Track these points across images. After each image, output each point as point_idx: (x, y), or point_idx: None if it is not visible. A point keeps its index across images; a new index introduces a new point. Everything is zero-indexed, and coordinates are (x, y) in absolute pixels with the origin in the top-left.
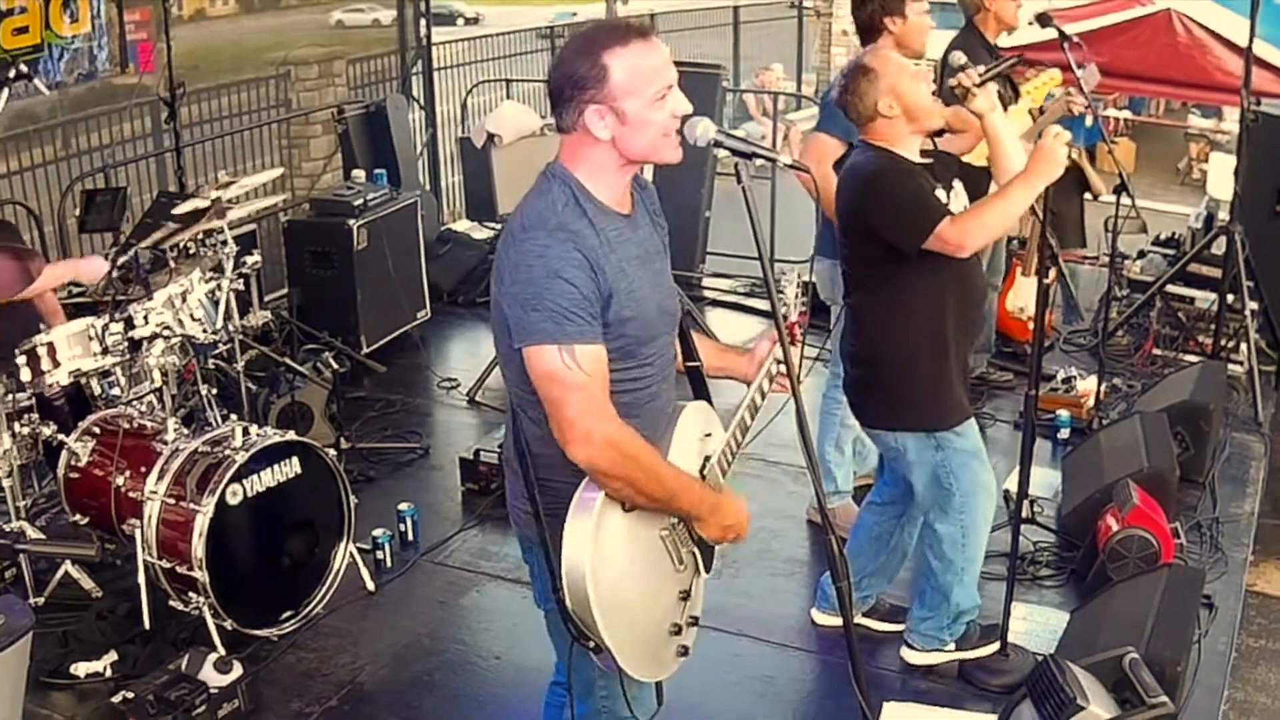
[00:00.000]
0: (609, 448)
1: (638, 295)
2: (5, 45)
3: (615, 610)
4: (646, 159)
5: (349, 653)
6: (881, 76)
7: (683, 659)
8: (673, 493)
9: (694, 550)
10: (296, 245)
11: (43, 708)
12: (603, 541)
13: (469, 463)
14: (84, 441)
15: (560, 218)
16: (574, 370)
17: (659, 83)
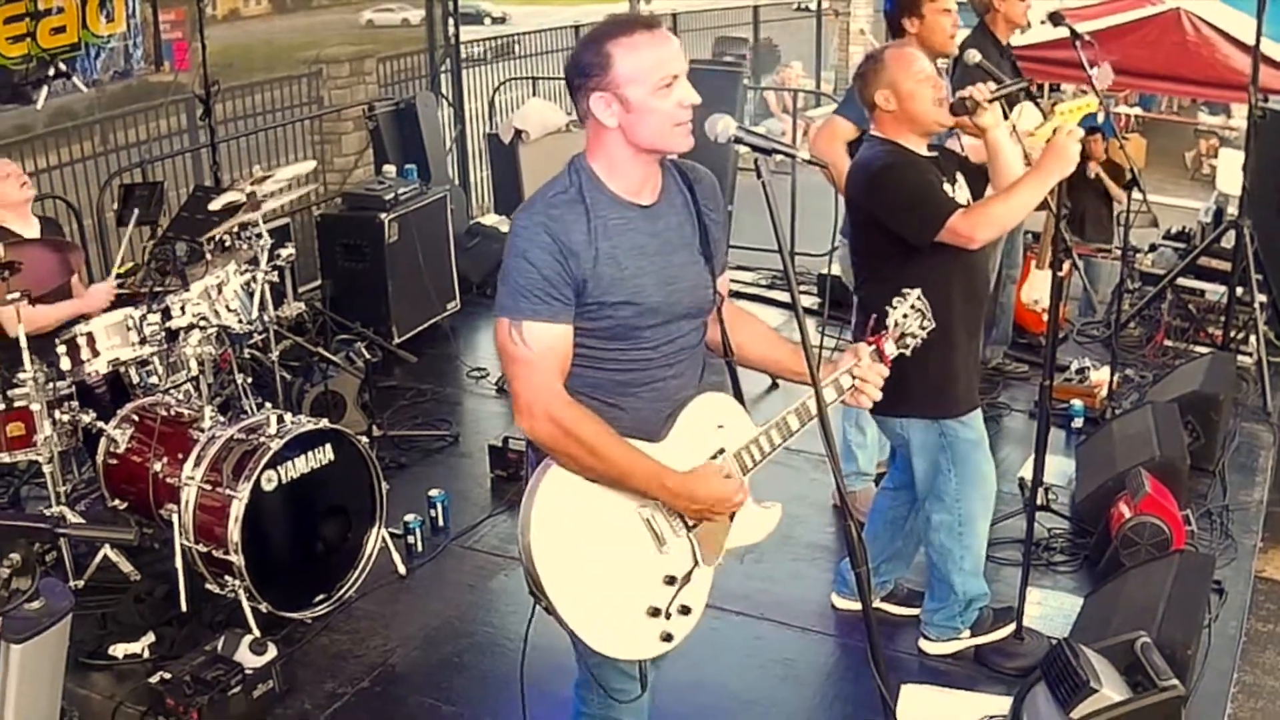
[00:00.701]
0: (549, 422)
1: (631, 282)
2: (44, 44)
3: (562, 572)
4: (655, 147)
5: (381, 635)
6: (886, 70)
7: (667, 645)
8: (622, 472)
9: (689, 538)
10: (329, 238)
11: (82, 688)
12: (555, 503)
13: (498, 450)
14: (123, 429)
15: (546, 202)
16: (519, 346)
17: (663, 72)
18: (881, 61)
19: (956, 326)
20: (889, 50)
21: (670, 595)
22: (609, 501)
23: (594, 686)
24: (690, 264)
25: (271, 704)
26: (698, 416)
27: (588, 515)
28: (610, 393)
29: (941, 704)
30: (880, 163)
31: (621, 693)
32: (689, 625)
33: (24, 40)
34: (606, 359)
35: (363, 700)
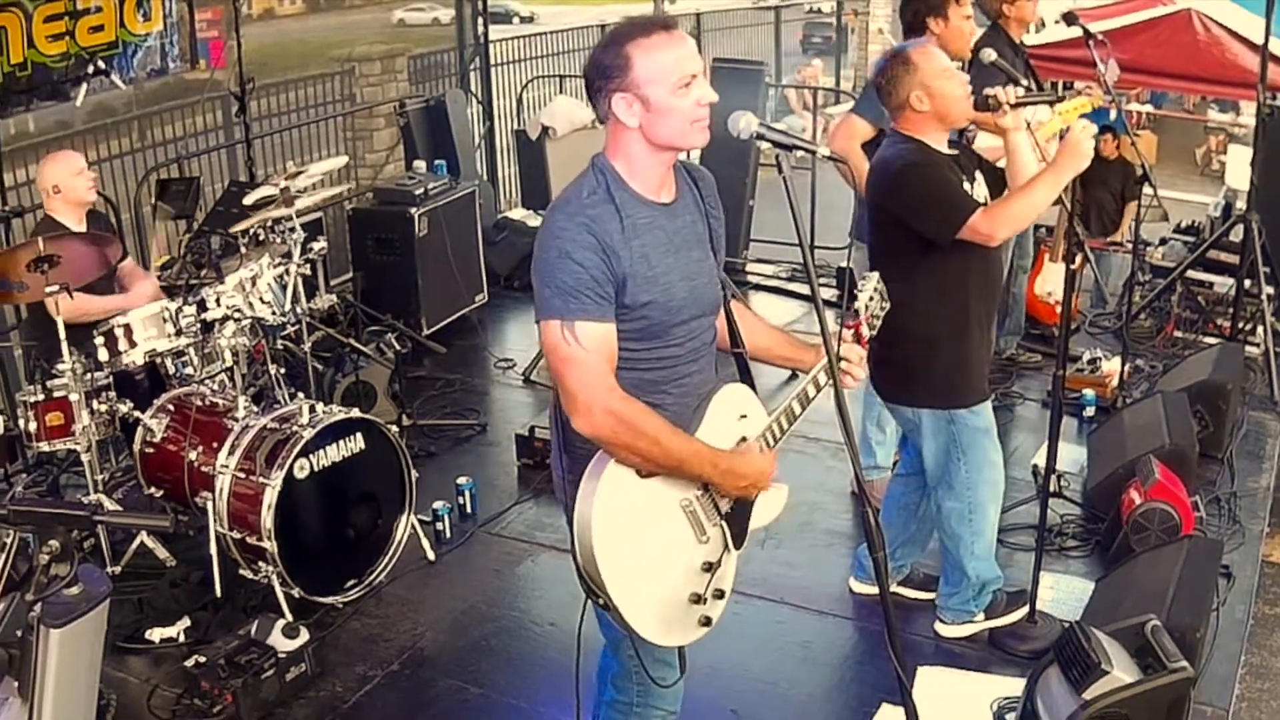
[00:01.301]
0: (608, 417)
1: (660, 280)
2: (82, 43)
3: (622, 570)
4: (674, 145)
5: (410, 619)
6: (919, 70)
7: (705, 629)
8: (680, 459)
9: (721, 525)
10: (360, 232)
11: (119, 671)
12: (612, 503)
13: (524, 439)
14: (159, 418)
15: (582, 202)
16: (573, 345)
17: (681, 71)
18: (912, 63)
19: (971, 320)
20: (913, 50)
21: (707, 581)
22: (656, 496)
23: (630, 676)
24: (704, 260)
25: (304, 686)
26: (722, 408)
27: (639, 513)
28: (643, 392)
29: (956, 685)
30: (903, 161)
31: (662, 679)
32: (722, 608)
33: (63, 39)
34: (637, 359)
35: (392, 682)
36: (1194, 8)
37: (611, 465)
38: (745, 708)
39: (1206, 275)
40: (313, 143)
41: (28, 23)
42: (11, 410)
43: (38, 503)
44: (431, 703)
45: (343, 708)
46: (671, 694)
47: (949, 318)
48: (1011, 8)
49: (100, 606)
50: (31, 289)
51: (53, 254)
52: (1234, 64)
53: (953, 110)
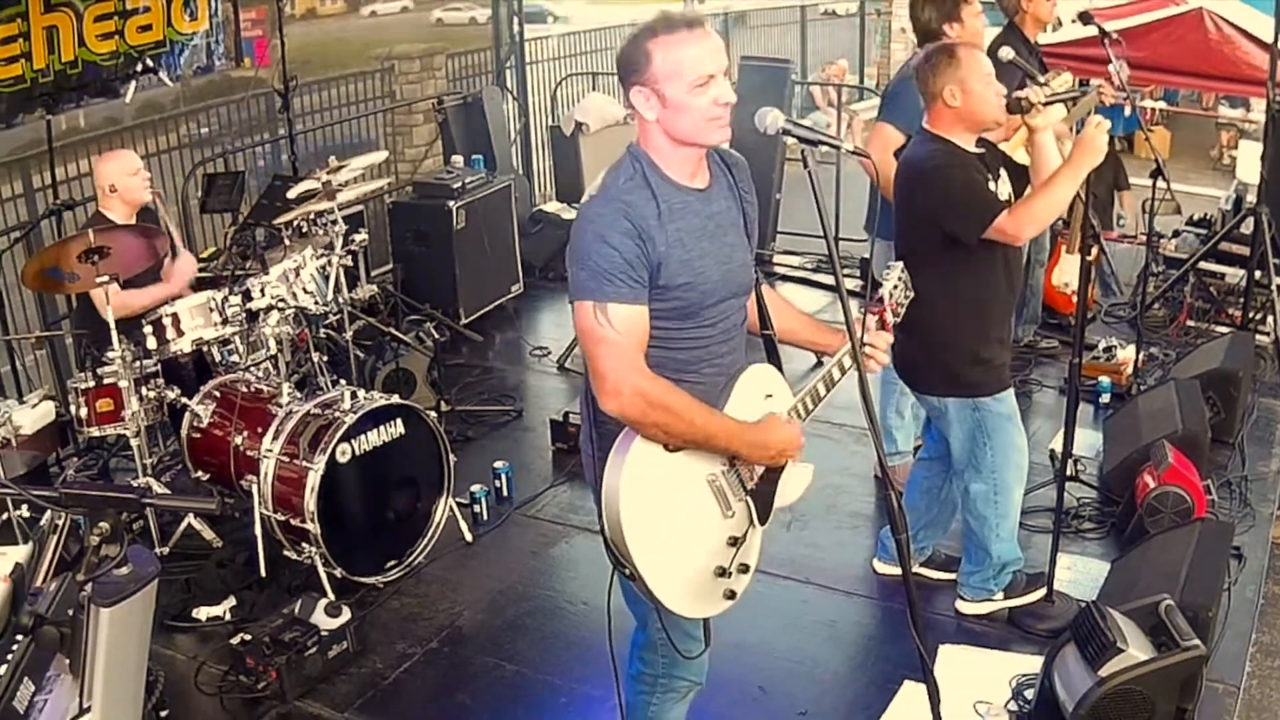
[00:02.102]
0: (637, 398)
1: (695, 264)
2: (131, 42)
3: (649, 541)
4: (691, 141)
5: (449, 598)
6: (962, 66)
7: (730, 602)
8: (707, 433)
9: (746, 501)
10: (400, 225)
11: (167, 648)
12: (639, 476)
13: (559, 424)
14: (205, 404)
15: (619, 189)
16: (605, 327)
17: (698, 71)
18: (957, 58)
19: (994, 312)
20: (961, 48)
21: (732, 555)
22: (682, 470)
23: (656, 648)
24: (739, 244)
25: (346, 663)
26: (749, 387)
27: (665, 486)
28: (674, 370)
29: (977, 663)
30: (932, 162)
31: (687, 651)
32: (747, 582)
33: (113, 38)
34: (670, 338)
35: (431, 660)
36: (1205, 7)
37: (639, 439)
38: (772, 684)
39: (1218, 266)
40: (354, 138)
41: (78, 22)
42: (63, 396)
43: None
44: (469, 679)
45: (383, 684)
46: (696, 665)
47: (974, 311)
48: (1029, 6)
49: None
50: (82, 279)
51: (103, 245)
52: (1245, 62)
53: (982, 113)
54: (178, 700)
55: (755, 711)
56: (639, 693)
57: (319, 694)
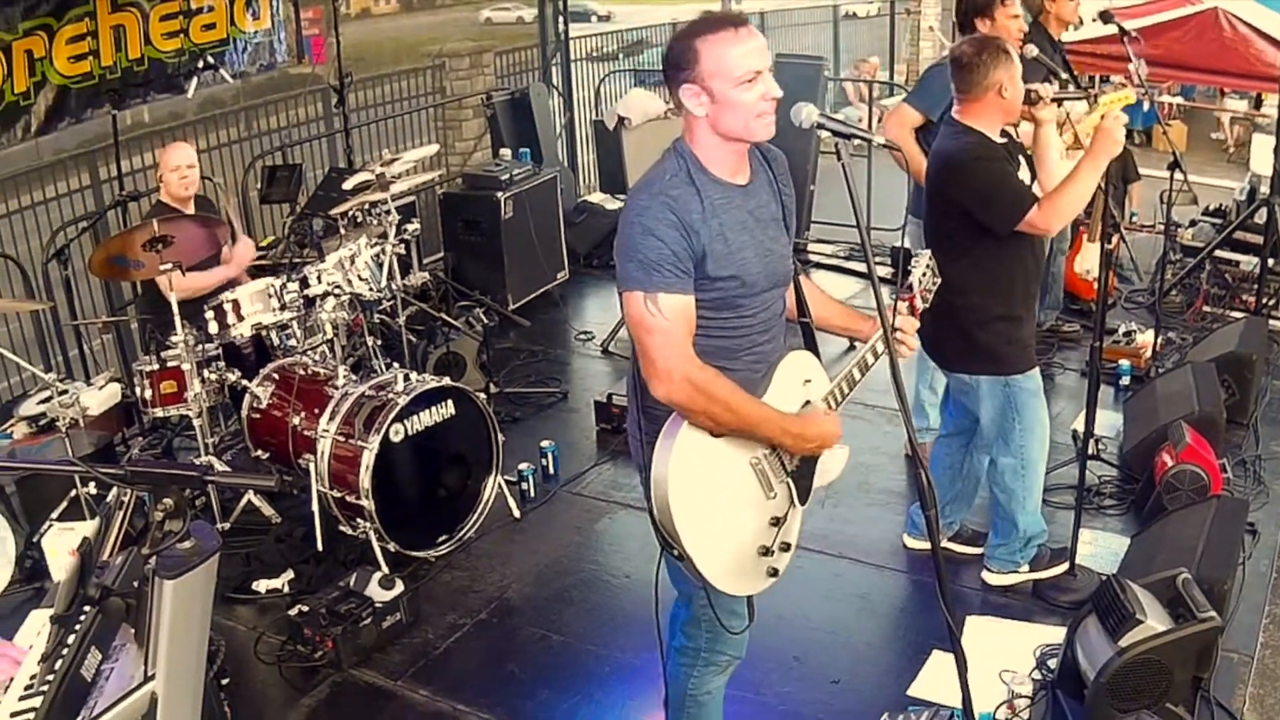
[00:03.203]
0: (685, 384)
1: (737, 256)
2: (195, 40)
3: (696, 523)
4: (740, 136)
5: (497, 572)
6: (1012, 63)
7: (773, 579)
8: (752, 423)
9: (788, 482)
10: (451, 215)
11: (228, 620)
12: (687, 460)
13: (603, 405)
14: (264, 386)
15: (664, 184)
16: (656, 316)
17: (744, 67)
18: (1009, 53)
19: (1022, 296)
20: (1009, 44)
21: (775, 535)
22: (727, 454)
23: (700, 623)
24: (779, 237)
25: (399, 634)
26: (788, 374)
27: (712, 470)
28: (717, 358)
29: (1002, 634)
30: (969, 154)
31: (732, 627)
32: (788, 560)
33: (178, 36)
34: (713, 327)
35: (480, 630)
36: (1220, 6)
37: (686, 425)
38: (807, 654)
39: (1233, 254)
40: (406, 132)
41: (145, 21)
42: (129, 379)
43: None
44: (516, 649)
45: (434, 653)
46: (737, 640)
47: (1003, 295)
48: (1053, 5)
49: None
50: (147, 267)
51: (167, 235)
52: (1258, 59)
53: (1019, 106)
54: (238, 669)
55: (791, 680)
56: (681, 665)
57: (373, 663)
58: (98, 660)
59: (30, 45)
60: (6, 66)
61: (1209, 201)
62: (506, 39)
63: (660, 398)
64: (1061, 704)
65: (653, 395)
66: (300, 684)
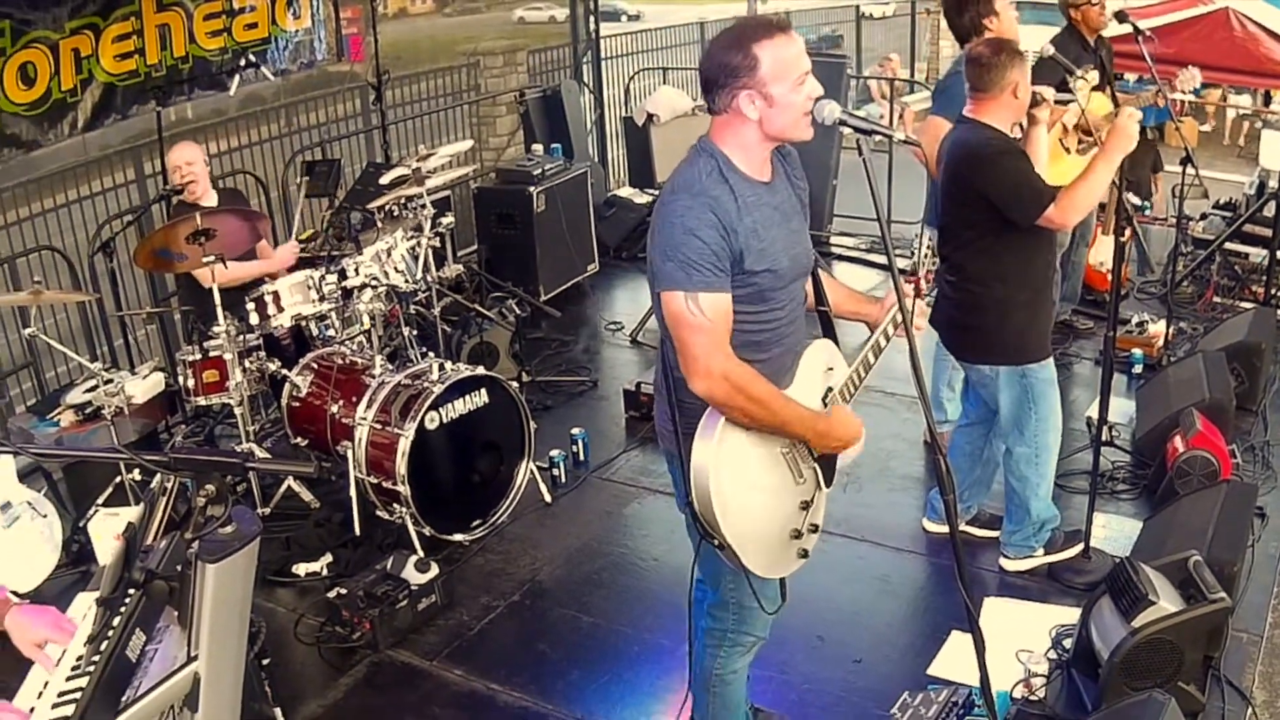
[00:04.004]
0: (724, 381)
1: (769, 251)
2: (238, 39)
3: (735, 512)
4: (784, 136)
5: (529, 555)
6: (1025, 64)
7: (803, 560)
8: (783, 420)
9: (814, 467)
10: (484, 208)
11: (268, 602)
12: (725, 453)
13: (631, 394)
14: (304, 375)
15: (702, 184)
16: (697, 315)
17: (798, 69)
18: (1022, 56)
19: (1039, 287)
20: (1016, 45)
21: (804, 517)
22: (761, 445)
23: (728, 606)
24: (801, 230)
25: (434, 615)
26: (812, 363)
27: (747, 461)
28: (749, 351)
29: (1019, 614)
30: (992, 149)
31: (770, 606)
32: (815, 541)
33: (221, 35)
34: (745, 321)
35: (513, 612)
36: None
37: (724, 420)
38: (830, 634)
39: (1243, 247)
40: (441, 128)
41: (189, 20)
42: (172, 368)
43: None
44: (548, 630)
45: (469, 634)
46: (762, 622)
47: (1021, 286)
48: (1078, 12)
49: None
50: (190, 259)
51: (209, 228)
52: (1268, 57)
53: (1026, 105)
54: (278, 649)
55: (814, 659)
56: (707, 647)
57: (409, 644)
58: (142, 641)
59: (77, 44)
60: (54, 64)
61: (1219, 195)
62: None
63: (700, 394)
64: (1076, 682)
65: (690, 390)
66: (339, 664)
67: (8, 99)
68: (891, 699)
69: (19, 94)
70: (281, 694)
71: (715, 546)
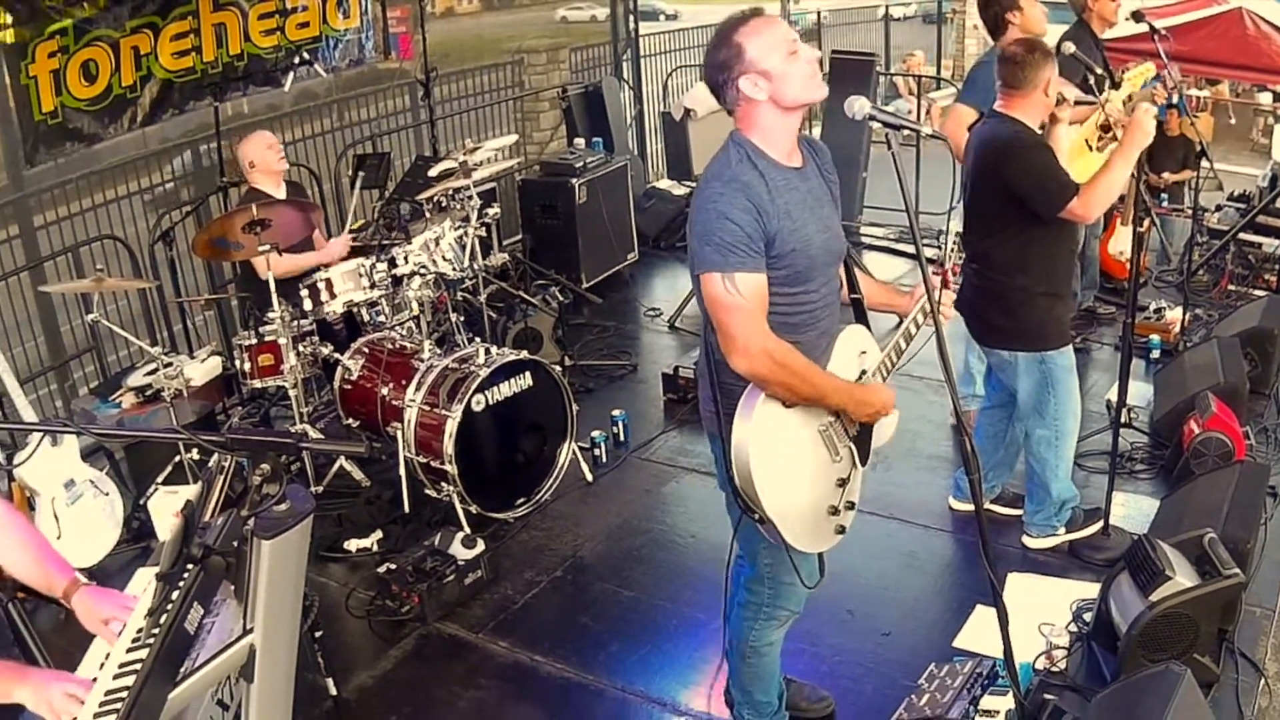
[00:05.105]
0: (764, 357)
1: (801, 234)
2: (291, 37)
3: (775, 487)
4: (799, 101)
5: (571, 532)
6: (1054, 65)
7: (840, 536)
8: (822, 392)
9: (850, 446)
10: (528, 200)
11: (321, 576)
12: (764, 430)
13: (670, 377)
14: (355, 359)
15: (733, 171)
16: (734, 295)
17: (785, 41)
18: (1051, 56)
19: (1059, 277)
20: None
21: (841, 494)
22: (799, 423)
23: (764, 580)
24: (832, 216)
25: (480, 590)
26: (846, 346)
27: (786, 438)
28: (785, 332)
29: (1041, 589)
30: (1022, 142)
31: (808, 581)
32: (852, 517)
33: (275, 34)
34: (781, 304)
35: (556, 586)
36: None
37: (762, 399)
38: (859, 608)
39: (1256, 237)
40: (487, 123)
41: (244, 20)
42: (229, 352)
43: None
44: (589, 603)
45: (513, 608)
46: (797, 596)
47: (1046, 274)
48: (1095, 4)
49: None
50: (246, 248)
51: (264, 218)
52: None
53: (1053, 103)
54: (330, 622)
55: (844, 632)
56: (744, 620)
57: (456, 617)
58: (200, 615)
59: (137, 42)
60: (115, 62)
61: (1233, 188)
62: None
63: (741, 371)
64: (1096, 654)
65: (733, 370)
66: (388, 636)
67: (71, 95)
68: (919, 670)
69: (82, 90)
70: (333, 665)
71: (756, 521)
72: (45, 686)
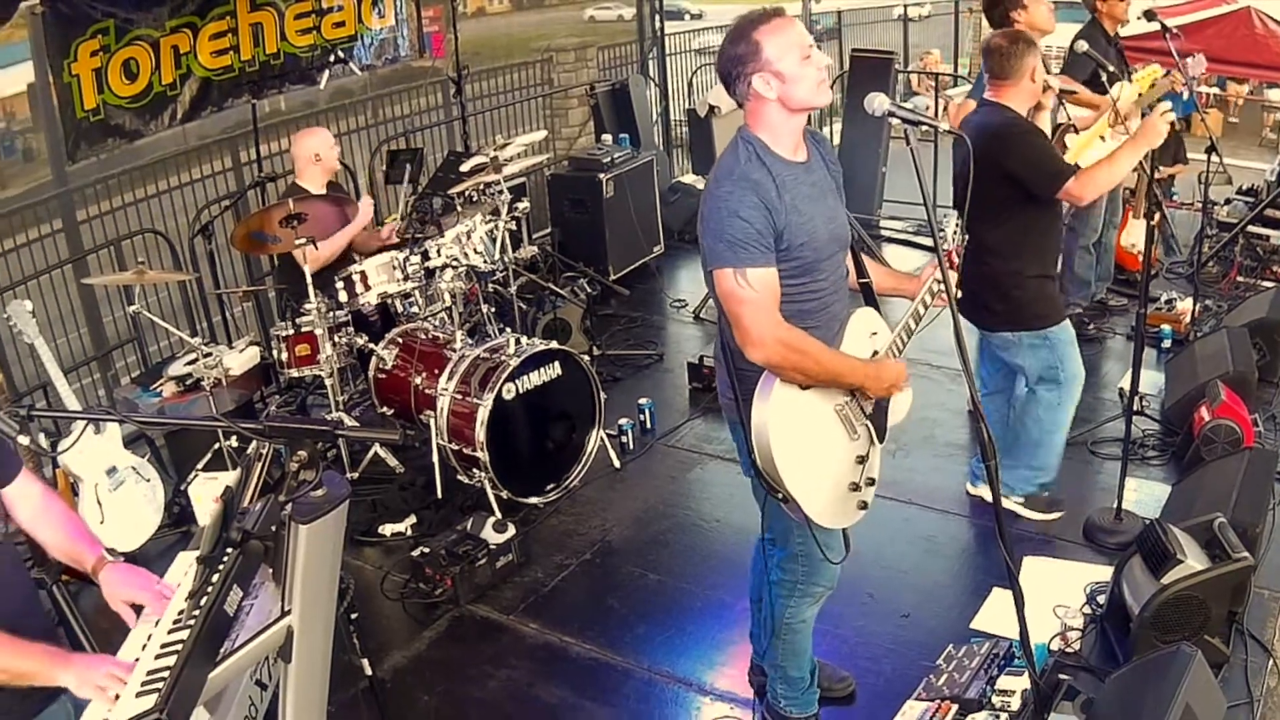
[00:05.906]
0: (778, 345)
1: (809, 226)
2: (326, 36)
3: (796, 466)
4: (806, 105)
5: (599, 517)
6: (1038, 53)
7: (863, 512)
8: (837, 372)
9: (867, 424)
10: (557, 194)
11: (356, 560)
12: (783, 411)
13: (695, 366)
14: (389, 349)
15: (742, 169)
16: (745, 288)
17: (803, 43)
18: (1036, 45)
19: (1054, 256)
20: (1031, 35)
21: (861, 471)
22: (815, 404)
23: (797, 559)
24: (838, 206)
25: (511, 573)
26: (857, 328)
27: (804, 419)
28: (798, 319)
29: (1055, 572)
30: (1017, 128)
31: (834, 556)
32: (873, 493)
33: (311, 33)
34: (793, 293)
35: (584, 570)
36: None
37: (778, 382)
38: (879, 591)
39: (1264, 229)
40: (517, 119)
41: (280, 19)
42: (267, 342)
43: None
44: (617, 586)
45: (543, 590)
46: (830, 573)
47: (1039, 256)
48: (1105, 4)
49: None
50: (283, 241)
51: (301, 212)
52: None
53: (1040, 89)
54: (366, 604)
55: (865, 614)
56: (779, 597)
57: (488, 599)
58: (239, 597)
59: (176, 41)
60: (155, 60)
61: (1242, 182)
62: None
63: (757, 361)
64: (1109, 636)
65: (748, 359)
66: (422, 618)
67: (112, 92)
68: (937, 651)
69: (123, 88)
70: (369, 646)
71: (780, 500)
72: (88, 670)
